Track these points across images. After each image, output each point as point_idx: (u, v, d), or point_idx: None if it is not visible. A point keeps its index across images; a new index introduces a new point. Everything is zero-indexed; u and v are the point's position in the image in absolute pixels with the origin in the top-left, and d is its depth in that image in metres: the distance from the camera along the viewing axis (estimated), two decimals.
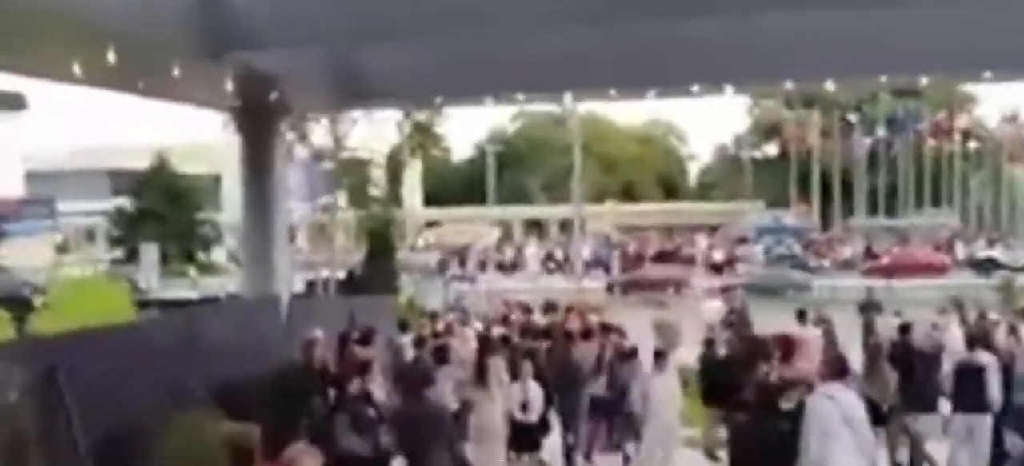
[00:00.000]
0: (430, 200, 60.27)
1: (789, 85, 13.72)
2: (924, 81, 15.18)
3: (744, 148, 64.72)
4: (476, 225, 58.17)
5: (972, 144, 57.56)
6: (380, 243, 20.53)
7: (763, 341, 11.05)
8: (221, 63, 10.57)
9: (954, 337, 12.35)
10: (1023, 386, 10.47)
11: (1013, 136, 54.21)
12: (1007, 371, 10.75)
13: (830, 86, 13.25)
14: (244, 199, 13.93)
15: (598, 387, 11.25)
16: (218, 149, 25.88)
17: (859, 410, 7.01)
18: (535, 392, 10.21)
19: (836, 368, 7.57)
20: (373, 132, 23.39)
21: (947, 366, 10.80)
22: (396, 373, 10.01)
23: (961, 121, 56.02)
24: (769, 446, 7.48)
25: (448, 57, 12.58)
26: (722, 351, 12.44)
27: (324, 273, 22.40)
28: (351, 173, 22.57)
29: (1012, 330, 12.61)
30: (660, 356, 10.53)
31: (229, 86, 11.38)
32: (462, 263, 45.41)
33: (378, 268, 19.69)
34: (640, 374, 11.02)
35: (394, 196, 24.86)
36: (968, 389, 10.08)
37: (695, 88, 12.49)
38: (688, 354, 14.54)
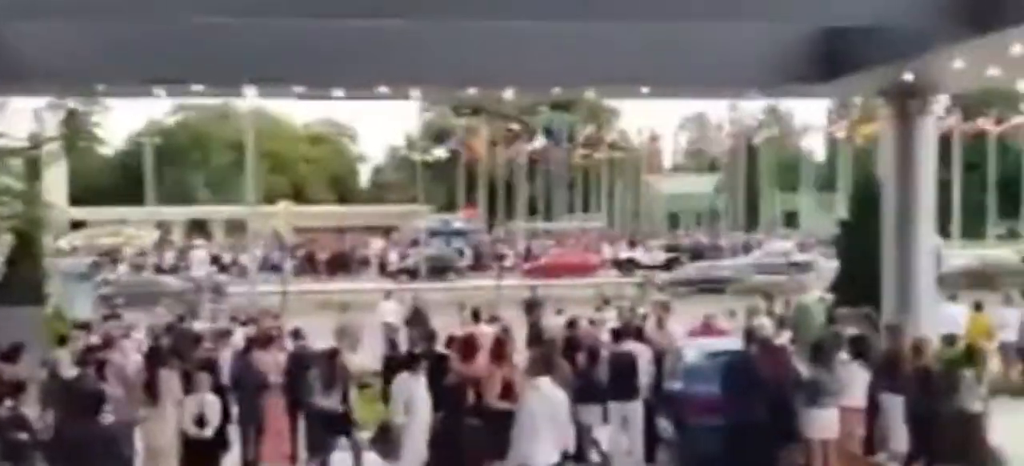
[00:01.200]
0: (76, 198, 54.77)
1: (472, 92, 14.18)
2: (590, 94, 16.41)
3: (415, 151, 66.17)
4: (131, 225, 53.89)
5: (616, 155, 63.51)
6: (25, 245, 18.16)
7: (448, 341, 11.37)
8: None
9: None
10: (672, 375, 11.67)
11: (651, 148, 60.71)
12: (658, 362, 11.97)
13: (509, 94, 13.89)
14: None
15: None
16: None
17: (562, 403, 7.38)
18: (212, 405, 9.62)
19: (544, 364, 7.91)
20: (9, 119, 20.75)
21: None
22: (54, 393, 8.92)
23: (607, 134, 61.61)
24: (459, 442, 7.66)
25: (111, 40, 11.48)
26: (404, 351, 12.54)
27: None
28: None
29: (660, 323, 14.06)
30: (416, 359, 9.98)
31: None
32: (115, 266, 41.84)
33: (20, 274, 17.40)
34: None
35: (36, 192, 22.18)
36: (620, 378, 11.05)
37: (383, 90, 12.49)
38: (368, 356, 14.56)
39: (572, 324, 12.99)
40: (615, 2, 9.47)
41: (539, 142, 60.53)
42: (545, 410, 7.28)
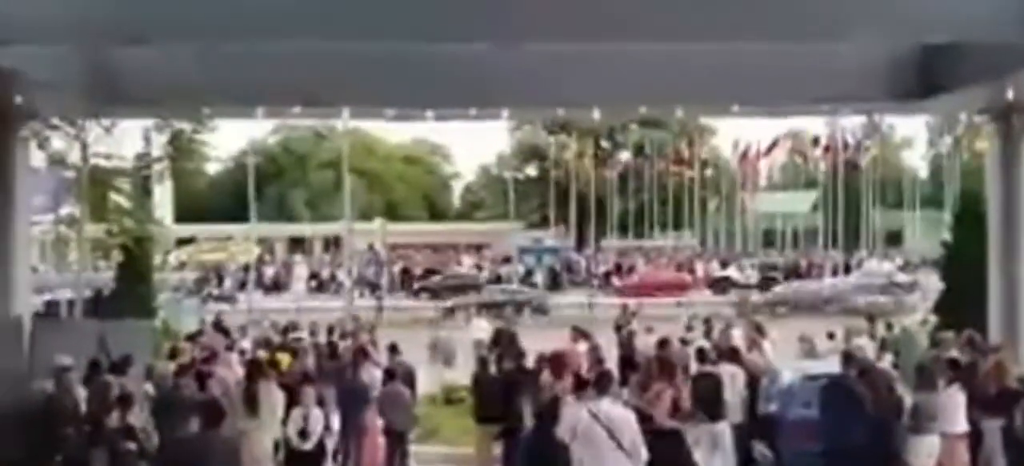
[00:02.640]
0: (182, 215, 56.93)
1: (561, 111, 14.28)
2: (678, 112, 16.38)
3: (506, 169, 66.68)
4: (234, 242, 55.69)
5: (709, 172, 62.57)
6: (134, 261, 19.01)
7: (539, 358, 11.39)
8: None
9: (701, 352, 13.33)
10: (767, 397, 11.44)
11: (743, 166, 59.57)
12: (752, 383, 11.75)
13: (596, 114, 13.94)
14: None
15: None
16: None
17: (625, 421, 7.27)
18: (315, 419, 9.89)
19: (599, 382, 7.86)
20: (119, 140, 21.74)
21: None
22: (165, 404, 9.30)
23: (700, 151, 60.80)
24: (547, 460, 7.65)
25: (217, 64, 12.01)
26: (493, 369, 12.63)
27: (67, 293, 20.52)
28: (96, 183, 20.81)
29: (753, 344, 13.79)
30: (583, 384, 9.42)
31: None
32: (220, 282, 43.39)
33: (131, 288, 18.24)
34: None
35: (144, 210, 23.17)
36: (705, 399, 10.85)
37: (473, 111, 12.70)
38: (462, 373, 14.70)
39: (663, 344, 12.85)
40: (708, 23, 9.42)
41: (630, 159, 60.27)
42: (598, 429, 7.14)
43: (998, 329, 12.46)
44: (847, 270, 45.92)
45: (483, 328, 19.91)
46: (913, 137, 64.32)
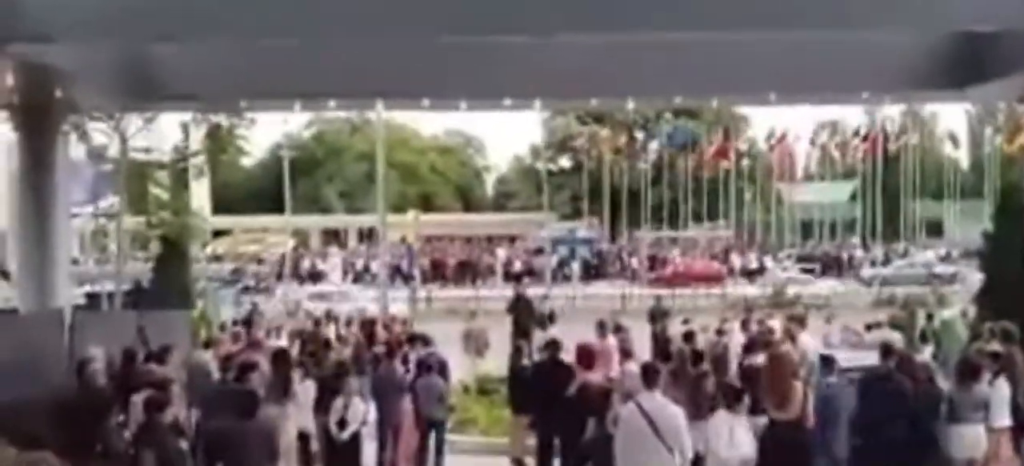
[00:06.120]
0: (219, 207, 57.48)
1: (594, 102, 14.23)
2: (714, 102, 16.24)
3: (539, 160, 66.61)
4: (270, 233, 56.23)
5: (745, 162, 61.94)
6: (172, 252, 19.29)
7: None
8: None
9: (737, 342, 13.27)
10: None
11: (780, 156, 58.96)
12: None
13: (630, 105, 13.89)
14: (20, 203, 12.74)
15: None
16: None
17: (670, 416, 7.24)
18: (355, 409, 9.95)
19: (645, 376, 7.83)
20: (157, 133, 22.06)
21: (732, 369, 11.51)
22: (206, 394, 9.41)
23: (735, 141, 60.25)
24: (583, 452, 7.68)
25: (252, 59, 12.13)
26: (527, 360, 12.62)
27: (107, 285, 20.89)
28: (135, 176, 21.16)
29: (789, 335, 13.66)
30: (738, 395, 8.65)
31: (8, 81, 10.36)
32: (257, 273, 43.86)
33: (170, 279, 18.49)
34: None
35: (183, 202, 23.53)
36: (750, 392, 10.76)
37: (507, 102, 12.70)
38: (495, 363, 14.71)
39: (689, 336, 12.78)
40: (745, 11, 9.33)
41: (663, 149, 59.85)
42: (642, 424, 7.10)
43: None
44: (887, 261, 45.32)
45: None
46: (953, 126, 63.26)
